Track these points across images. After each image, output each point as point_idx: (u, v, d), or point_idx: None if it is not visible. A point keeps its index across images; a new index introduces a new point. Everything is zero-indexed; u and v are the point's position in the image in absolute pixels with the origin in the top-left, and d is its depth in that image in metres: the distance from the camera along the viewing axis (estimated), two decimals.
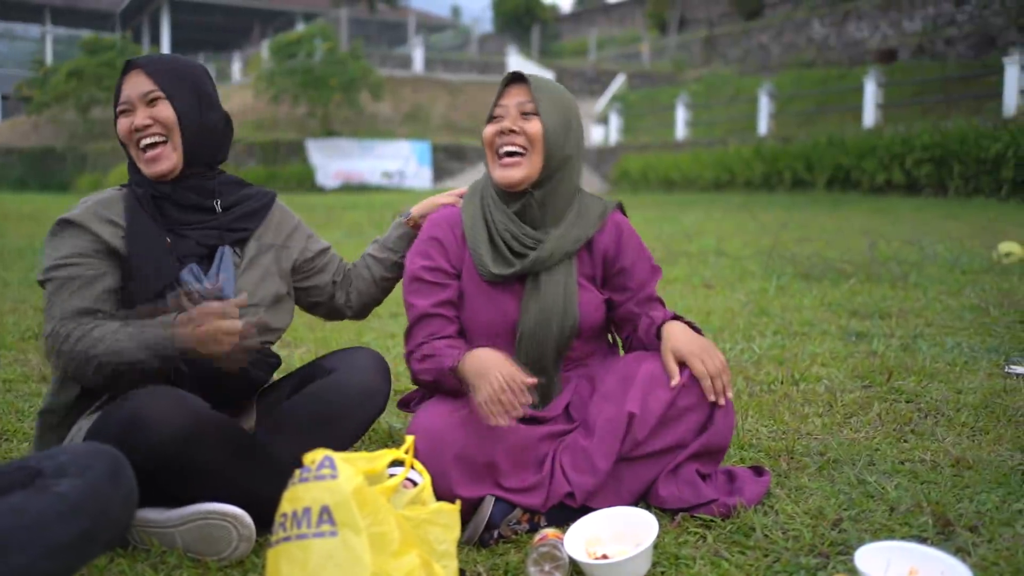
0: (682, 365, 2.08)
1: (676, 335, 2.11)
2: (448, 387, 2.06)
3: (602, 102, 25.87)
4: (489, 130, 2.17)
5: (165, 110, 2.06)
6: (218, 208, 2.13)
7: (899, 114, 16.43)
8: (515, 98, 2.14)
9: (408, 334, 2.18)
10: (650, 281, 2.27)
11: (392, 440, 2.70)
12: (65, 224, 2.03)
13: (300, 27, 30.23)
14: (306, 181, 22.27)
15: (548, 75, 19.65)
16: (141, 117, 2.06)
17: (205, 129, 2.12)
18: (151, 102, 2.06)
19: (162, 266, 2.01)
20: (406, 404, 2.38)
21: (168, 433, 1.76)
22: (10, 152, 28.25)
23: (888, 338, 3.90)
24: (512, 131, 2.12)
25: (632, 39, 32.98)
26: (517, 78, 2.16)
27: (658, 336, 2.16)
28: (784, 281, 5.65)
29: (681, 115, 21.04)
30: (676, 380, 2.06)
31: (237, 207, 2.17)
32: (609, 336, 2.38)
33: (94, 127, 28.04)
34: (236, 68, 30.53)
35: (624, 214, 2.31)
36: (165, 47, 36.37)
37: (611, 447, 2.03)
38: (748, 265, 6.52)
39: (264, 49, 26.91)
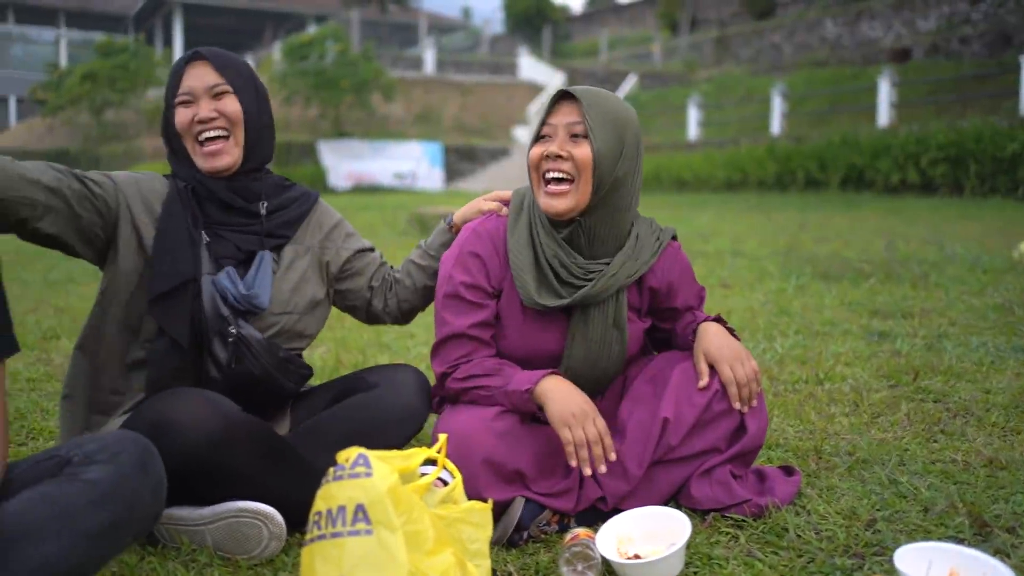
0: (713, 368, 2.06)
1: (710, 337, 2.08)
2: (501, 405, 1.98)
3: None
4: (535, 152, 2.00)
5: (232, 104, 2.03)
6: (263, 211, 2.10)
7: (913, 113, 16.34)
8: (565, 117, 1.97)
9: (438, 351, 2.09)
10: (697, 309, 2.23)
11: (417, 442, 2.69)
12: (108, 175, 1.99)
13: (311, 29, 30.26)
14: (318, 182, 22.26)
15: (559, 76, 19.49)
16: (206, 109, 2.01)
17: (263, 128, 2.10)
18: (218, 95, 2.03)
19: (180, 263, 1.96)
20: None
21: (198, 437, 1.75)
22: (26, 154, 28.31)
23: (912, 338, 3.86)
24: (559, 156, 1.96)
25: (643, 39, 32.93)
26: (569, 94, 1.98)
27: (694, 335, 2.13)
28: (803, 281, 5.62)
29: (693, 115, 20.98)
30: (704, 382, 2.03)
31: (280, 212, 2.14)
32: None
33: (108, 129, 28.17)
34: None
35: (675, 239, 2.19)
36: (178, 49, 36.46)
37: (644, 452, 2.01)
38: (765, 265, 6.49)
39: (276, 51, 26.97)
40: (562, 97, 2.00)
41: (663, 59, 29.70)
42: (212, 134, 2.01)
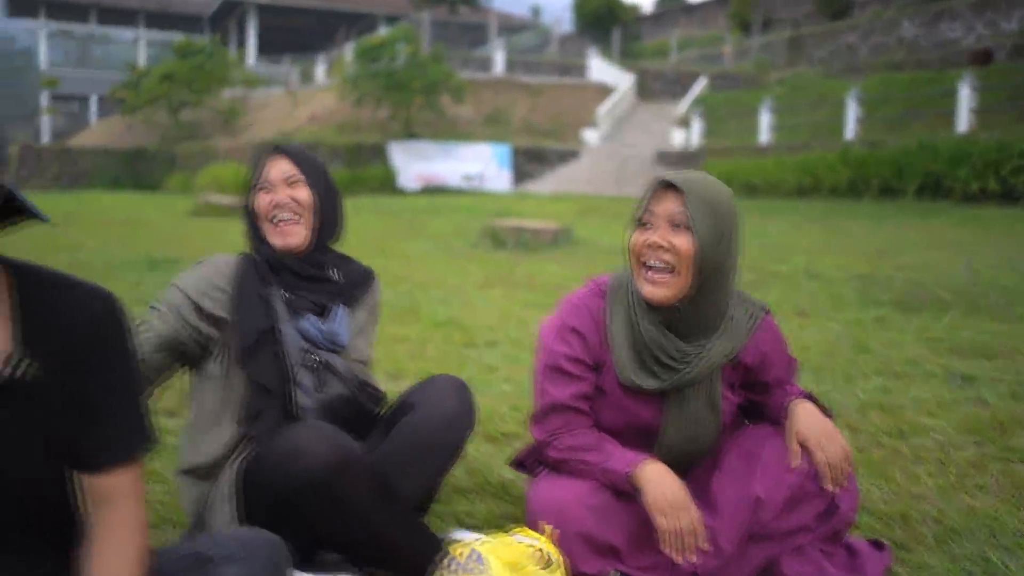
0: (805, 448, 2.10)
1: (802, 418, 2.11)
2: (598, 480, 2.05)
3: (683, 105, 25.67)
4: (636, 239, 2.06)
5: (304, 192, 2.27)
6: (335, 276, 2.33)
7: (995, 119, 15.95)
8: (666, 206, 2.01)
9: (539, 420, 2.16)
10: (788, 381, 2.27)
11: (507, 493, 2.76)
12: (174, 288, 2.23)
13: (383, 30, 30.65)
14: (388, 183, 22.62)
15: (629, 77, 19.45)
16: (282, 195, 2.25)
17: (330, 214, 2.32)
18: (292, 184, 2.26)
19: (256, 318, 2.19)
20: (521, 464, 2.43)
21: (322, 462, 1.91)
22: (106, 152, 29.27)
23: (996, 383, 3.82)
24: (660, 246, 2.01)
25: (714, 40, 32.63)
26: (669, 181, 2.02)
27: (785, 413, 2.17)
28: (881, 312, 5.57)
29: (765, 119, 20.76)
30: (796, 463, 2.07)
31: (347, 275, 2.38)
32: None
33: (184, 129, 28.91)
34: (320, 71, 31.09)
35: (769, 312, 2.23)
36: (251, 50, 37.22)
37: (737, 529, 2.05)
38: (842, 290, 6.44)
39: (348, 52, 27.36)
40: (663, 184, 2.05)
41: (734, 60, 29.41)
42: (286, 216, 2.25)
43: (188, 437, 2.25)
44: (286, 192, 2.25)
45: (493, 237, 9.80)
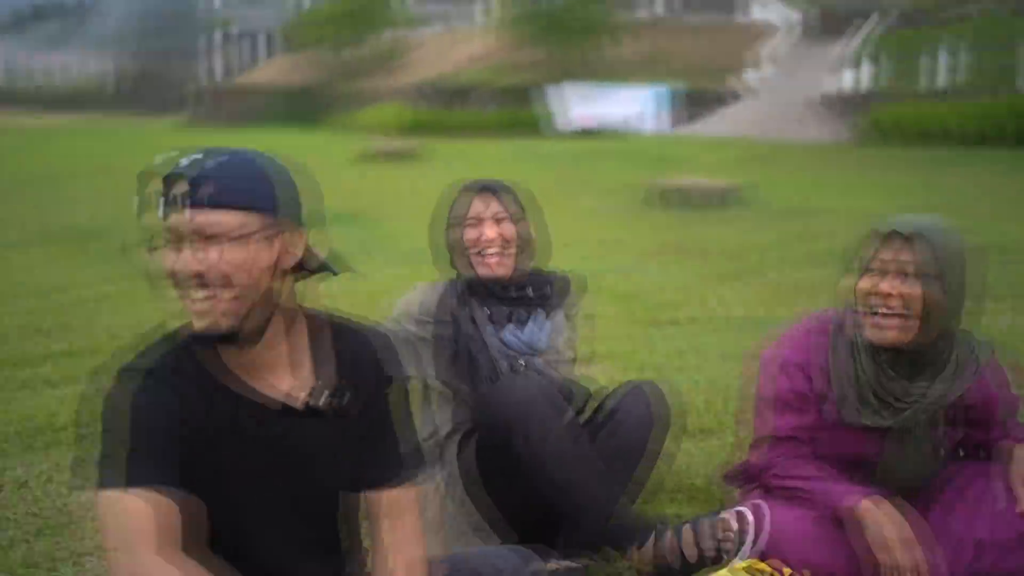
0: None
1: None
2: (818, 510, 2.16)
3: (852, 44, 24.51)
4: (864, 285, 2.10)
5: (511, 229, 2.50)
6: (531, 294, 2.57)
7: None
8: (895, 255, 2.04)
9: (761, 447, 2.28)
10: (1011, 418, 2.29)
11: (710, 496, 2.87)
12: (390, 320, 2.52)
13: None
14: (545, 125, 22.72)
15: (794, 16, 18.83)
16: (491, 233, 2.49)
17: (533, 243, 2.58)
18: (499, 221, 2.50)
19: (461, 330, 2.47)
20: (733, 479, 2.55)
21: (531, 392, 2.28)
22: (274, 90, 30.48)
23: None
24: (889, 294, 2.06)
25: None
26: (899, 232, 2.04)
27: (1009, 456, 2.20)
28: None
29: (942, 60, 19.62)
30: (1021, 508, 2.11)
31: (543, 289, 2.60)
32: None
33: (345, 68, 29.74)
34: (479, 11, 31.24)
35: (994, 352, 2.25)
36: None
37: (958, 569, 2.12)
38: None
39: None
40: (891, 231, 2.08)
41: None
42: (493, 250, 2.49)
43: None
44: (495, 230, 2.48)
45: (660, 196, 9.80)
